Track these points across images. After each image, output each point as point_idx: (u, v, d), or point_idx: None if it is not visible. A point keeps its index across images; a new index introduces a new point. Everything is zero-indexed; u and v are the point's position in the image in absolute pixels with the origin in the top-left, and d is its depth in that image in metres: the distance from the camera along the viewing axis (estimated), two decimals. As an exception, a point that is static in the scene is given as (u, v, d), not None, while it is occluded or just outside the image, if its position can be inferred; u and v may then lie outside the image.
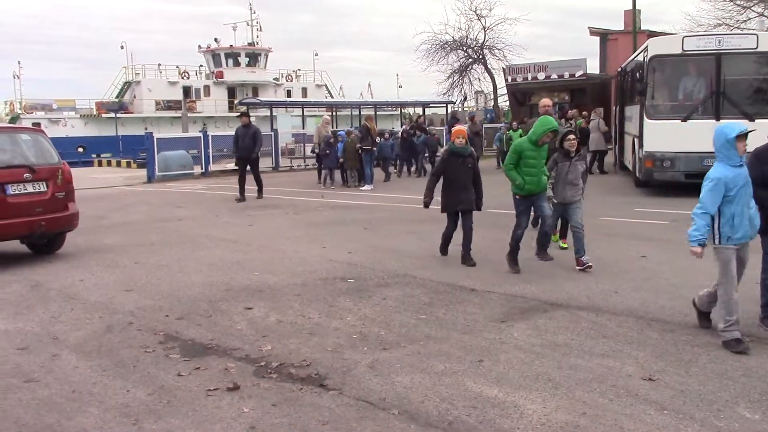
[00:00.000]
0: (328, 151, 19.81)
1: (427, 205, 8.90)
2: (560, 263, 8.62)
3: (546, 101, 10.69)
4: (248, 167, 16.82)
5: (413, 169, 23.20)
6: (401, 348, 5.61)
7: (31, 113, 47.59)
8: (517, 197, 8.37)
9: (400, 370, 5.11)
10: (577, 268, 8.19)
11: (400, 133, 23.54)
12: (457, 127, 9.63)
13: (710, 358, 5.24)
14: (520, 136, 21.52)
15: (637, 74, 16.93)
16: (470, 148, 8.92)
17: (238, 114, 17.87)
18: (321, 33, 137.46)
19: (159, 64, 52.47)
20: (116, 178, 24.38)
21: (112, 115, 47.47)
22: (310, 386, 4.85)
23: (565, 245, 9.56)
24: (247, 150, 16.55)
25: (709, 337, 5.67)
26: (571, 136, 8.46)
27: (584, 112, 25.16)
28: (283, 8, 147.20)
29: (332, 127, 25.29)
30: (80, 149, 41.45)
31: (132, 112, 49.82)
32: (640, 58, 16.85)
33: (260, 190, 16.98)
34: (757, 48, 14.56)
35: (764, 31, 24.54)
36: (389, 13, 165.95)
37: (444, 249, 9.24)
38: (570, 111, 21.61)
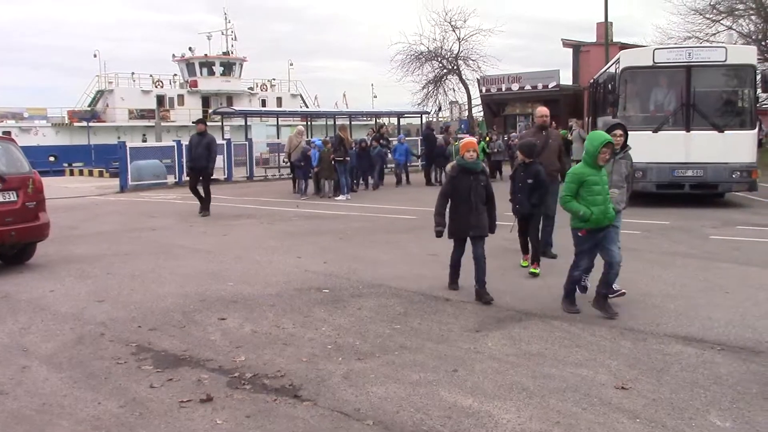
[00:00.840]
0: (302, 163, 19.76)
1: (440, 234, 7.59)
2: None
3: (543, 110, 9.94)
4: (200, 178, 15.59)
5: (371, 181, 22.42)
6: (376, 358, 5.60)
7: (2, 122, 46.94)
8: (580, 233, 6.82)
9: (374, 380, 5.10)
10: (611, 296, 6.99)
11: (358, 143, 22.23)
12: (467, 138, 8.48)
13: (682, 367, 5.29)
14: (485, 149, 22.27)
15: (609, 86, 17.16)
16: (482, 163, 7.82)
17: (196, 121, 16.88)
18: (297, 43, 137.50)
19: (132, 73, 52.12)
20: (88, 188, 24.13)
21: (84, 123, 47.00)
22: (284, 397, 4.82)
23: (535, 270, 8.65)
24: (201, 160, 15.33)
25: (680, 346, 5.74)
26: (618, 131, 7.08)
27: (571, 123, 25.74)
28: (260, 18, 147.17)
29: (307, 137, 25.25)
30: (52, 158, 40.95)
31: (105, 121, 49.37)
32: (612, 69, 17.08)
33: (207, 205, 15.52)
34: (726, 61, 14.84)
35: (733, 44, 25.07)
36: (366, 24, 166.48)
37: (454, 280, 7.98)
38: (571, 120, 22.21)
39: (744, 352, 5.61)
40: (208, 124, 16.31)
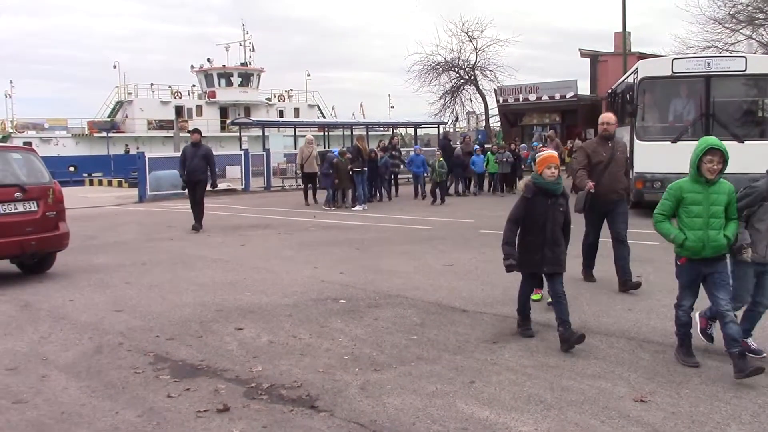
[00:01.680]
0: (331, 171, 19.31)
1: (511, 268, 6.19)
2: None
3: (608, 117, 8.48)
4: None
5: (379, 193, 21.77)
6: (392, 369, 5.59)
7: (23, 132, 47.60)
8: (679, 262, 5.59)
9: (391, 391, 5.09)
10: (750, 355, 5.61)
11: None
12: (546, 152, 6.49)
13: (701, 380, 5.24)
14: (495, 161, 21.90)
15: (627, 96, 17.08)
16: (563, 184, 6.29)
17: (190, 131, 15.87)
18: (315, 54, 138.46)
19: (152, 84, 52.76)
20: (107, 198, 24.35)
21: (104, 134, 47.48)
22: (300, 408, 4.82)
23: (537, 297, 7.47)
24: (197, 172, 14.53)
25: (699, 358, 5.67)
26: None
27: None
28: (279, 29, 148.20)
29: (323, 147, 25.28)
30: (71, 168, 41.37)
31: (124, 132, 49.84)
32: (630, 79, 17.01)
33: (199, 219, 14.72)
34: (745, 70, 14.73)
35: (753, 53, 24.87)
36: (382, 35, 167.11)
37: (526, 325, 6.52)
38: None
39: (766, 366, 5.53)
40: (227, 134, 16.03)
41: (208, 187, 15.02)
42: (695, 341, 5.78)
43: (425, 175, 22.49)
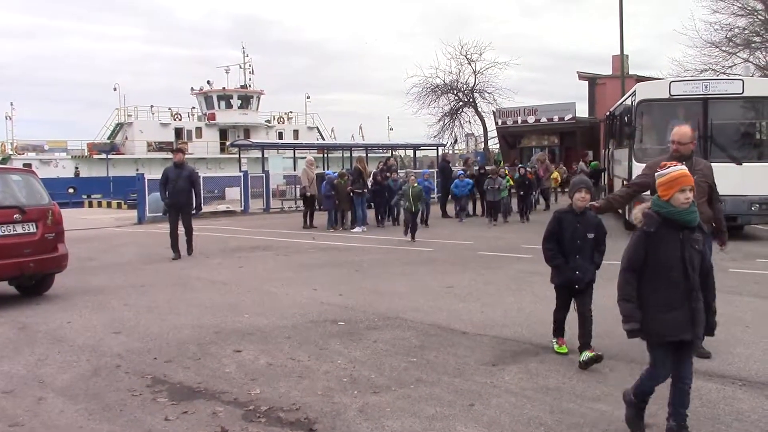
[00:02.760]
0: (333, 192, 19.20)
1: (633, 332, 4.53)
2: (549, 304, 8.58)
3: (682, 132, 6.35)
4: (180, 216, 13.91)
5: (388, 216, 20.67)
6: (392, 391, 5.56)
7: (23, 154, 47.64)
8: None
9: (390, 414, 5.05)
10: None
11: (372, 176, 20.56)
12: (676, 168, 4.48)
13: (702, 402, 5.21)
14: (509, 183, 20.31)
15: (626, 118, 17.16)
16: (698, 214, 4.47)
17: (173, 150, 15.06)
18: (315, 76, 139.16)
19: (152, 106, 52.89)
20: (106, 219, 24.34)
21: (104, 156, 47.56)
22: (299, 431, 4.78)
23: (563, 349, 6.61)
24: (181, 195, 13.66)
25: (700, 382, 5.64)
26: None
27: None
28: (279, 52, 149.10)
29: (322, 169, 25.26)
30: (71, 190, 41.41)
31: (123, 153, 49.94)
32: (629, 102, 17.10)
33: (190, 246, 13.97)
34: (743, 93, 14.84)
35: (750, 76, 25.03)
36: (382, 57, 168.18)
37: (637, 425, 4.69)
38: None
39: (766, 388, 5.51)
40: (226, 156, 15.50)
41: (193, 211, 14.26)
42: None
43: (432, 198, 21.46)
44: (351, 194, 19.14)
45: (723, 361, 6.24)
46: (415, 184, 16.84)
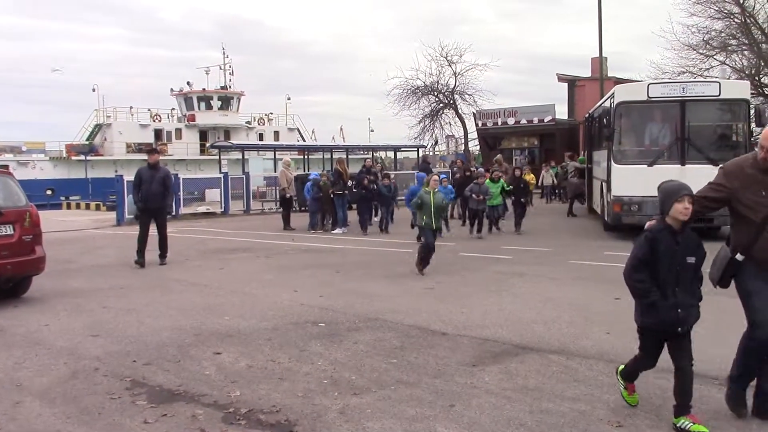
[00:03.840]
0: (320, 194, 18.99)
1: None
2: (528, 305, 8.64)
3: None
4: (154, 220, 13.16)
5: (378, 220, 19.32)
6: (372, 393, 5.56)
7: (0, 155, 47.09)
8: None
9: (371, 415, 5.06)
10: None
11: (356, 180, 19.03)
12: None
13: (680, 402, 5.25)
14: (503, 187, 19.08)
15: (604, 120, 17.30)
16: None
17: (147, 150, 14.27)
18: (296, 78, 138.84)
19: (131, 107, 52.46)
20: (85, 221, 24.12)
21: (82, 157, 47.14)
22: (279, 433, 4.78)
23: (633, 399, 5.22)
24: (156, 198, 12.98)
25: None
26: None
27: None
28: (261, 54, 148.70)
29: (303, 170, 25.18)
30: (49, 192, 40.98)
31: (102, 155, 49.54)
32: (607, 104, 17.24)
33: (164, 252, 13.23)
34: (719, 95, 15.00)
35: (726, 78, 25.31)
36: (363, 59, 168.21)
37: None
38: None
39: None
40: (206, 158, 15.19)
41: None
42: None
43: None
44: (332, 195, 19.09)
45: (700, 361, 6.26)
46: (436, 190, 12.06)
